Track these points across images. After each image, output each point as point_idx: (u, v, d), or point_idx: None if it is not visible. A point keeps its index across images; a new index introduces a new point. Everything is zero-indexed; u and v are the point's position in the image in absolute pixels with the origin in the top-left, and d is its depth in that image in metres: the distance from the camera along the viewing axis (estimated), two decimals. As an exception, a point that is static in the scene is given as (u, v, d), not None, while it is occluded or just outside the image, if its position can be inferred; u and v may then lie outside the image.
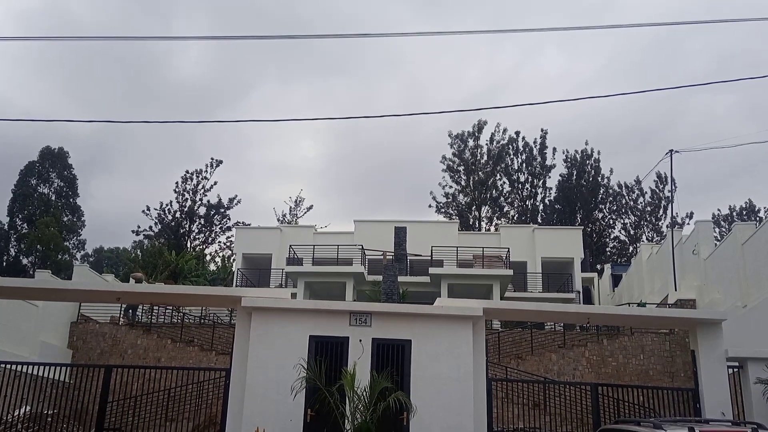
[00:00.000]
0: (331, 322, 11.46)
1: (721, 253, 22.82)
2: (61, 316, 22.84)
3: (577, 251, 35.64)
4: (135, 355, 22.95)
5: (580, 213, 53.68)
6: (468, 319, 11.57)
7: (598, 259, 51.54)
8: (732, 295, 21.29)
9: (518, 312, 14.50)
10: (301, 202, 55.94)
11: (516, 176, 55.84)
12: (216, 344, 23.74)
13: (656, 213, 53.74)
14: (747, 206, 57.47)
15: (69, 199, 53.88)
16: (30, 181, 51.77)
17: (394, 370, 10.85)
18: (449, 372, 11.14)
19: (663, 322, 15.81)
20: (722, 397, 11.56)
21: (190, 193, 53.97)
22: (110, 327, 23.80)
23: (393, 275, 26.54)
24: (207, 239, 54.58)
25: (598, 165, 55.11)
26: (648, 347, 22.36)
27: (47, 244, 47.03)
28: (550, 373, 22.03)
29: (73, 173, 54.19)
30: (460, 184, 56.25)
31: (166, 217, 53.05)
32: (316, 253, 33.46)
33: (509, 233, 37.56)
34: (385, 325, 11.47)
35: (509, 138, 56.12)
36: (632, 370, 22.05)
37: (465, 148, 56.28)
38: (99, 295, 14.12)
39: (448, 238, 35.60)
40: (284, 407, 10.61)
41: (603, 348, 22.60)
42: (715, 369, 11.80)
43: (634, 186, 54.53)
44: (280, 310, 11.50)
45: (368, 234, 35.31)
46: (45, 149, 53.13)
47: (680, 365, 21.73)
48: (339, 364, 10.93)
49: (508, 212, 56.16)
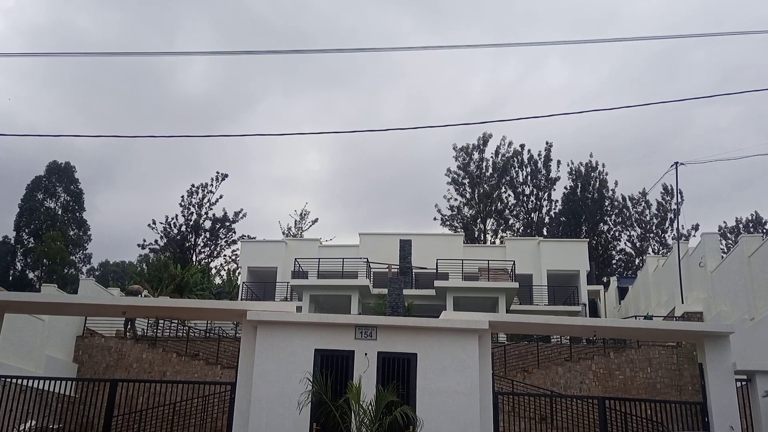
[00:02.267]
0: (336, 336, 11.44)
1: (728, 265, 22.72)
2: (67, 330, 22.86)
3: (583, 264, 35.53)
4: (140, 369, 22.92)
5: (585, 225, 53.59)
6: (474, 332, 11.53)
7: (604, 271, 51.37)
8: (739, 307, 21.17)
9: (524, 325, 14.47)
10: (306, 215, 56.06)
11: (521, 189, 55.83)
12: (221, 358, 23.69)
13: (662, 225, 53.60)
14: (753, 218, 57.25)
15: (75, 213, 54.12)
16: (37, 196, 52.04)
17: (400, 384, 10.81)
18: (455, 385, 11.09)
19: (670, 335, 15.75)
20: (731, 410, 11.46)
21: (196, 206, 54.12)
22: (116, 341, 23.80)
23: (398, 288, 26.53)
24: (212, 253, 54.66)
25: (603, 177, 55.11)
26: (655, 360, 22.22)
27: (53, 258, 47.20)
28: (556, 386, 21.90)
29: (79, 187, 54.48)
30: (464, 197, 56.28)
31: (171, 231, 53.18)
32: (321, 266, 33.44)
33: (514, 246, 37.49)
34: (390, 338, 11.45)
35: (514, 151, 56.21)
36: (639, 384, 21.90)
37: (470, 161, 56.37)
38: (104, 309, 14.15)
39: (453, 250, 35.56)
40: (290, 421, 10.58)
41: (610, 361, 22.47)
42: (723, 382, 11.71)
43: (640, 198, 54.46)
44: (286, 324, 11.49)
45: (373, 247, 35.30)
46: (52, 164, 53.47)
47: (688, 378, 21.58)
48: (344, 377, 10.90)
49: (513, 225, 56.11)
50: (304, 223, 55.63)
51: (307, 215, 56.06)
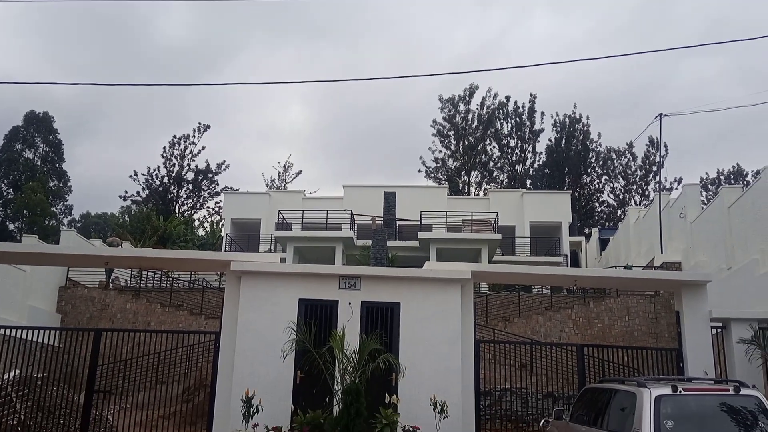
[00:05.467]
0: (320, 286, 11.48)
1: (708, 216, 23.01)
2: (50, 281, 22.79)
3: (566, 215, 35.81)
4: (124, 320, 23.00)
5: (568, 177, 53.81)
6: (456, 282, 11.63)
7: (586, 223, 51.88)
8: (718, 257, 21.53)
9: (506, 275, 14.61)
10: (289, 168, 55.77)
11: (506, 141, 55.75)
12: (205, 308, 23.81)
13: (646, 178, 53.97)
14: (735, 170, 57.74)
15: (55, 165, 53.34)
16: (15, 146, 51.11)
17: (383, 333, 10.92)
18: (438, 334, 11.23)
19: (648, 284, 15.99)
20: (705, 356, 11.73)
21: (178, 158, 53.57)
22: (99, 292, 23.78)
23: (382, 240, 26.60)
24: (195, 204, 54.41)
25: (586, 129, 55.14)
26: (633, 309, 22.67)
27: (34, 209, 46.67)
28: (537, 335, 22.32)
29: (58, 138, 53.56)
30: (449, 149, 56.14)
31: (153, 183, 52.72)
32: (305, 218, 33.41)
33: (498, 198, 37.65)
34: (374, 288, 11.51)
35: (499, 102, 55.92)
36: (617, 332, 22.39)
37: (455, 113, 56.02)
38: (87, 260, 14.05)
39: (438, 202, 35.66)
40: (274, 369, 10.69)
41: (589, 310, 22.89)
42: (698, 329, 11.95)
43: (625, 150, 54.67)
44: (270, 274, 11.50)
45: (357, 199, 35.27)
46: (29, 114, 52.38)
47: (665, 326, 22.08)
48: (328, 326, 10.98)
49: (497, 177, 56.23)
50: (288, 176, 55.42)
51: (291, 167, 55.82)
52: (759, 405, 7.30)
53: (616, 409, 7.99)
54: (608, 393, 8.53)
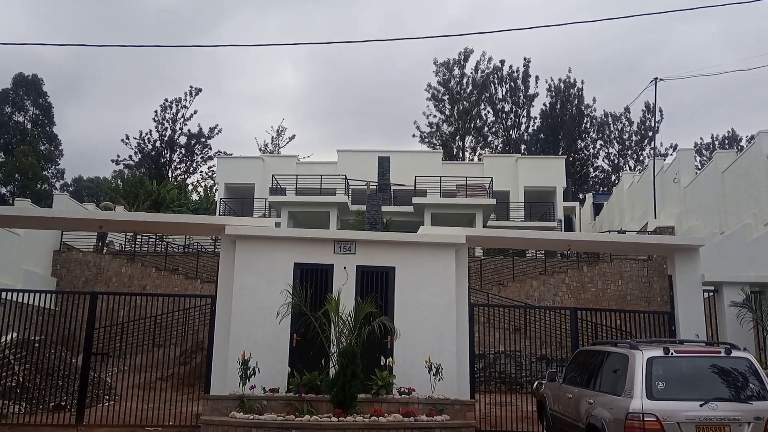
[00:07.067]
0: (315, 250, 11.49)
1: (702, 181, 23.06)
2: (44, 245, 22.76)
3: (560, 180, 35.84)
4: (120, 283, 23.07)
5: (563, 142, 53.69)
6: (451, 246, 11.66)
7: (581, 188, 51.97)
8: (711, 222, 21.65)
9: (500, 239, 14.67)
10: (283, 132, 55.30)
11: (500, 106, 55.41)
12: (201, 272, 23.89)
13: (641, 143, 53.89)
14: (729, 135, 57.68)
15: (45, 128, 52.78)
16: (4, 109, 50.48)
17: (378, 296, 10.98)
18: (432, 298, 11.30)
19: (642, 248, 16.08)
20: (697, 319, 11.84)
21: (170, 122, 53.05)
22: (94, 255, 23.80)
23: (376, 205, 26.60)
24: (188, 169, 54.10)
25: (581, 94, 54.83)
26: (626, 273, 22.87)
27: (26, 173, 46.30)
28: (530, 299, 22.53)
29: (48, 101, 52.87)
30: (444, 114, 55.78)
31: (146, 147, 52.30)
32: (299, 183, 33.33)
33: (492, 163, 37.59)
34: (369, 252, 11.53)
35: (494, 67, 55.42)
36: (611, 296, 22.62)
37: (450, 77, 55.51)
38: (81, 224, 14.01)
39: (432, 167, 35.60)
40: (270, 332, 10.76)
41: (583, 274, 23.08)
42: (691, 293, 12.04)
43: (620, 115, 54.46)
44: (265, 239, 11.49)
45: (352, 164, 35.15)
46: (18, 76, 51.60)
47: (657, 290, 22.31)
48: (324, 290, 11.03)
49: (491, 142, 56.04)
50: (281, 140, 54.99)
51: (284, 132, 55.35)
52: (750, 367, 7.40)
53: (609, 371, 8.10)
54: (601, 355, 8.64)
